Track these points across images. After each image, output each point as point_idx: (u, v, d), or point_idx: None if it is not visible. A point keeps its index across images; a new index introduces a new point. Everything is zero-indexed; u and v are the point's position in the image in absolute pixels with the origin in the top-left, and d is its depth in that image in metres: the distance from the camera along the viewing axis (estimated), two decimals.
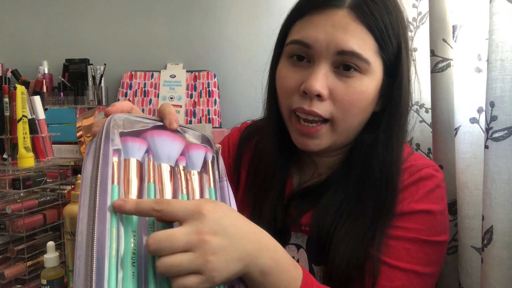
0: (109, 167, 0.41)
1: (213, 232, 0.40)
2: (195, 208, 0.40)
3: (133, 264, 0.39)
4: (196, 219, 0.40)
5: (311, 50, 0.56)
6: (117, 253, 0.39)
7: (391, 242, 0.57)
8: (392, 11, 0.57)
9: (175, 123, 0.48)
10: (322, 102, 0.56)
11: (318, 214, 0.61)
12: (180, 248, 0.39)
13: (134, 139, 0.45)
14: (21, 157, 0.83)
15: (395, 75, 0.58)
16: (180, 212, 0.40)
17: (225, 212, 0.43)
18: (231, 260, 0.41)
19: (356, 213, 0.59)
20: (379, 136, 0.60)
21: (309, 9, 0.57)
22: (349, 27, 0.54)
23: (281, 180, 0.67)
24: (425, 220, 0.58)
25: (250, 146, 0.74)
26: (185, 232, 0.39)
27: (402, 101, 0.59)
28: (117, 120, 0.45)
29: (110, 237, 0.39)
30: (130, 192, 0.43)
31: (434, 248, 0.58)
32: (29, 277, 0.81)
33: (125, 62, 1.56)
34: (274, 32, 0.66)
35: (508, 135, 0.56)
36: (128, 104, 0.49)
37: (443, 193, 0.62)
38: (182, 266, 0.38)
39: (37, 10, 1.62)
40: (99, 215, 0.39)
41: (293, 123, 0.60)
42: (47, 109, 1.02)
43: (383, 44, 0.56)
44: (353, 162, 0.62)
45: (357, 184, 0.60)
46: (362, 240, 0.57)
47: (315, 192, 0.64)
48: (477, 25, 0.70)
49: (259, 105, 0.72)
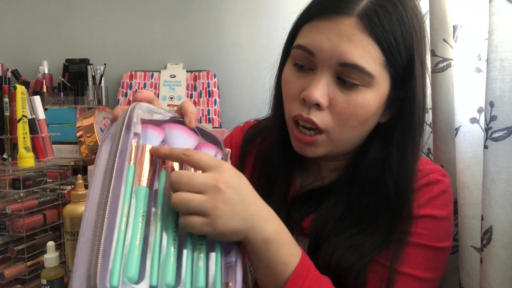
0: (128, 147, 0.44)
1: (228, 185, 0.44)
2: (218, 163, 0.45)
3: (139, 242, 0.40)
4: (217, 170, 0.44)
5: (315, 58, 0.54)
6: (125, 229, 0.40)
7: (391, 245, 0.57)
8: (406, 22, 0.54)
9: (195, 122, 0.51)
10: (320, 111, 0.55)
11: (317, 223, 0.60)
12: (196, 188, 0.43)
13: (154, 128, 0.48)
14: (21, 157, 0.83)
15: (406, 88, 0.56)
16: (205, 161, 0.44)
17: (243, 178, 0.47)
18: (237, 215, 0.44)
19: (358, 225, 0.58)
20: (392, 153, 0.58)
21: (318, 14, 0.55)
22: (355, 38, 0.52)
23: (285, 182, 0.66)
24: (428, 225, 0.58)
25: (254, 146, 0.73)
26: (205, 176, 0.43)
27: (416, 117, 0.56)
28: (141, 107, 0.48)
29: (122, 213, 0.40)
30: (143, 175, 0.44)
31: (435, 253, 0.58)
32: (29, 277, 0.81)
33: (125, 62, 1.56)
34: (275, 32, 0.66)
35: (507, 135, 0.56)
36: (152, 94, 0.52)
37: (449, 199, 0.61)
38: (193, 203, 0.42)
39: (37, 10, 1.62)
40: (113, 194, 0.40)
41: (292, 129, 0.59)
42: (47, 109, 1.02)
43: (390, 57, 0.53)
44: (362, 177, 0.60)
45: (363, 197, 0.59)
46: (361, 250, 0.56)
47: (317, 197, 0.63)
48: (477, 25, 0.70)
49: (259, 105, 0.72)
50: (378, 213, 0.58)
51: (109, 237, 0.38)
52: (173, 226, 0.44)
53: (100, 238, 0.37)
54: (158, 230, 0.43)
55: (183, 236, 0.44)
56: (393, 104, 0.58)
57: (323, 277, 0.52)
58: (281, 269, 0.48)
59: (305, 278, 0.48)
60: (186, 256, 0.43)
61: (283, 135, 0.64)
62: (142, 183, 0.44)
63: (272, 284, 0.49)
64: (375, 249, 0.56)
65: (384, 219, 0.57)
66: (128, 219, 0.41)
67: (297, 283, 0.47)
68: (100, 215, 0.39)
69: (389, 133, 0.58)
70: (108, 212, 0.39)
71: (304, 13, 0.58)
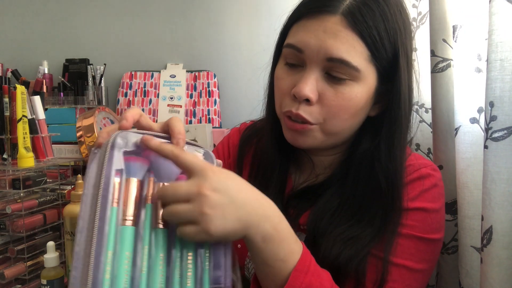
0: (109, 191, 0.43)
1: (213, 189, 0.43)
2: (202, 166, 0.44)
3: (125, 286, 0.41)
4: (200, 176, 0.43)
5: (303, 55, 0.57)
6: (111, 277, 0.40)
7: (385, 236, 0.58)
8: (389, 18, 0.56)
9: (183, 142, 0.48)
10: (310, 106, 0.57)
11: (315, 217, 0.61)
12: (182, 198, 0.43)
13: (137, 159, 0.46)
14: (21, 157, 0.83)
15: (392, 82, 0.58)
16: (190, 164, 0.44)
17: (232, 177, 0.46)
18: (229, 217, 0.43)
19: (354, 217, 0.60)
20: (381, 145, 0.60)
21: (305, 13, 0.58)
22: (340, 34, 0.54)
23: (280, 179, 0.68)
24: (419, 217, 0.59)
25: (251, 146, 0.75)
26: (187, 185, 0.43)
27: (402, 109, 0.59)
28: (122, 138, 0.45)
29: (105, 261, 0.40)
30: (127, 213, 0.44)
31: (427, 245, 0.59)
32: (29, 277, 0.81)
33: (125, 62, 1.56)
34: (274, 32, 0.66)
35: (507, 135, 0.56)
36: (138, 111, 0.49)
37: (440, 192, 0.63)
38: (181, 214, 0.43)
39: (37, 10, 1.62)
40: (98, 238, 0.41)
41: (284, 121, 0.62)
42: (47, 109, 1.02)
43: (375, 51, 0.56)
44: (354, 170, 0.62)
45: (357, 190, 0.61)
46: (358, 242, 0.57)
47: (312, 193, 0.65)
48: (477, 25, 0.70)
49: (259, 105, 0.73)
50: (372, 205, 0.59)
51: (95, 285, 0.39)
52: (159, 261, 0.43)
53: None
54: (144, 270, 0.42)
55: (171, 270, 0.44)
56: (381, 98, 0.60)
57: (323, 271, 0.52)
58: (280, 266, 0.48)
59: (306, 273, 0.49)
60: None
61: (277, 132, 0.66)
62: (126, 222, 0.43)
63: (272, 280, 0.49)
64: (372, 240, 0.57)
65: (378, 211, 0.59)
66: (113, 264, 0.41)
67: (298, 279, 0.48)
68: (86, 264, 0.40)
69: (378, 126, 0.61)
70: (93, 266, 0.39)
71: (293, 14, 0.61)
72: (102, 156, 0.44)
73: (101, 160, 0.44)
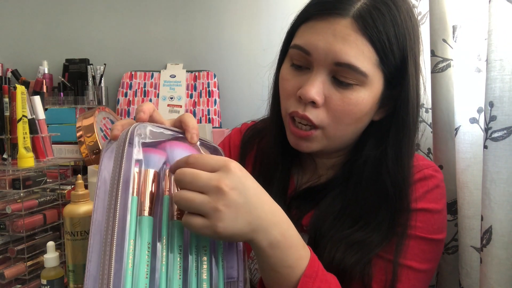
0: (130, 180, 0.43)
1: (232, 187, 0.42)
2: (225, 162, 0.43)
3: (146, 276, 0.41)
4: (223, 171, 0.43)
5: (311, 57, 0.56)
6: (133, 266, 0.40)
7: (393, 239, 0.58)
8: (399, 23, 0.55)
9: (196, 137, 0.49)
10: (316, 109, 0.57)
11: (317, 220, 0.61)
12: (199, 187, 0.42)
13: (155, 151, 0.47)
14: (21, 157, 0.83)
15: (399, 87, 0.58)
16: (211, 163, 0.43)
17: (250, 178, 0.45)
18: (240, 219, 0.43)
19: (358, 221, 0.59)
20: (387, 151, 0.59)
21: (314, 14, 0.57)
22: (349, 38, 0.53)
23: (282, 179, 0.68)
24: (422, 218, 0.59)
25: (253, 146, 0.75)
26: (208, 177, 0.42)
27: (410, 115, 0.58)
28: (142, 128, 0.46)
29: (128, 249, 0.40)
30: (145, 203, 0.44)
31: (431, 245, 0.59)
32: (29, 277, 0.81)
33: (125, 62, 1.56)
34: (274, 32, 0.66)
35: (507, 135, 0.56)
36: (152, 106, 0.50)
37: (442, 193, 0.62)
38: (194, 203, 0.42)
39: (37, 10, 1.62)
40: (120, 226, 0.40)
41: (288, 124, 0.61)
42: (47, 109, 1.02)
43: (384, 57, 0.55)
44: (357, 174, 0.61)
45: (360, 193, 0.60)
46: (364, 247, 0.57)
47: (315, 194, 0.65)
48: (477, 25, 0.70)
49: (259, 105, 0.73)
50: (378, 209, 0.59)
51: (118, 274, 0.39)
52: (178, 253, 0.44)
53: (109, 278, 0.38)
54: (164, 261, 0.43)
55: (188, 261, 0.45)
56: (386, 103, 0.60)
57: (330, 276, 0.52)
58: (288, 273, 0.47)
59: (314, 279, 0.48)
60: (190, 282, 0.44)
61: (280, 132, 0.66)
62: (144, 212, 0.43)
63: (279, 286, 0.48)
64: (379, 245, 0.57)
65: (384, 214, 0.58)
66: (135, 253, 0.41)
67: (307, 285, 0.47)
68: (107, 252, 0.39)
69: (383, 130, 0.60)
70: (115, 252, 0.39)
71: (301, 14, 0.60)
72: (122, 146, 0.44)
73: (121, 150, 0.44)
